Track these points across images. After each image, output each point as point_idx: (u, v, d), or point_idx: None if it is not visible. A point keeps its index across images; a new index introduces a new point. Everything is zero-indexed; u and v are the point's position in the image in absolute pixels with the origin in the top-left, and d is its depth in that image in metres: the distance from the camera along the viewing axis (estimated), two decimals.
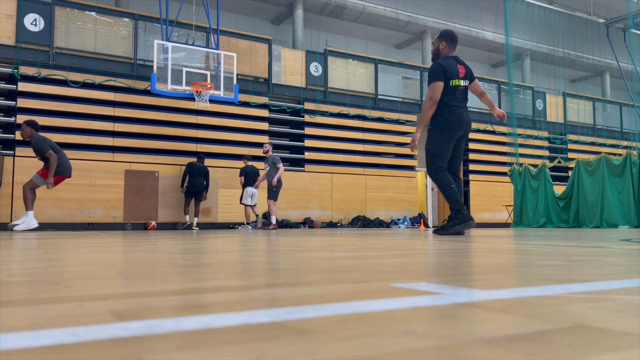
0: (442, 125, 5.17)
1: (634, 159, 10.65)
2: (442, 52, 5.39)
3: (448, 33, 5.45)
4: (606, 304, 0.91)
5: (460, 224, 5.06)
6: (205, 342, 0.63)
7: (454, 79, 5.17)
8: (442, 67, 5.17)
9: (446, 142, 5.19)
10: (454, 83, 5.16)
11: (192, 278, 1.35)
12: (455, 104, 5.17)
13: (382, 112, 14.28)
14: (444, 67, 5.17)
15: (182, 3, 11.75)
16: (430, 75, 5.23)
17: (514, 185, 13.08)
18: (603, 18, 18.25)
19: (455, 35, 5.47)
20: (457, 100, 5.19)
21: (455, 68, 5.22)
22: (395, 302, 0.92)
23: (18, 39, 10.37)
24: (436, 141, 5.21)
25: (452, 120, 5.15)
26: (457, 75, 5.19)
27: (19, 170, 10.17)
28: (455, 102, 5.17)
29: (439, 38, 5.44)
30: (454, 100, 5.17)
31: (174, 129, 11.79)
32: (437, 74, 5.15)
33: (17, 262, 1.90)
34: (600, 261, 1.85)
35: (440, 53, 5.40)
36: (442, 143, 5.19)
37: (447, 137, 5.18)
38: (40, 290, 1.12)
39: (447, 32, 5.47)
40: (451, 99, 5.16)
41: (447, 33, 5.46)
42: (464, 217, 5.08)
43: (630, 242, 3.53)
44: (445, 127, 5.16)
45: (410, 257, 2.14)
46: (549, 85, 19.57)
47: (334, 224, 13.18)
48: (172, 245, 3.28)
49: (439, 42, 5.42)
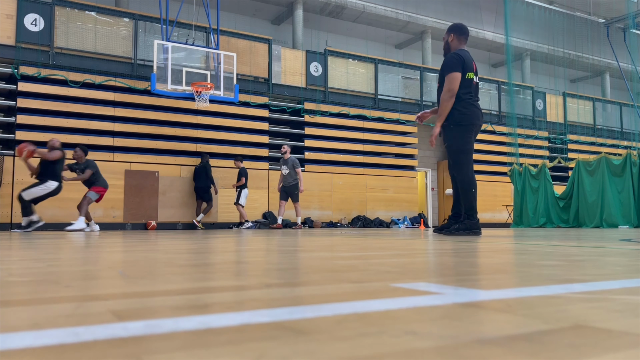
0: (459, 120, 4.96)
1: (634, 159, 10.65)
2: (452, 45, 5.23)
3: (456, 25, 5.30)
4: (606, 304, 0.91)
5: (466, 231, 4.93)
6: (205, 342, 0.63)
7: (470, 72, 4.97)
8: (460, 58, 4.96)
9: (467, 136, 4.98)
10: (469, 76, 4.97)
11: (192, 278, 1.35)
12: (470, 97, 4.97)
13: (382, 112, 14.28)
14: (462, 57, 4.97)
15: (182, 3, 11.75)
16: (448, 66, 4.99)
17: (514, 185, 13.08)
18: (603, 18, 18.25)
19: (465, 27, 5.28)
20: (471, 94, 5.00)
21: (471, 60, 5.05)
22: (395, 302, 0.92)
23: (18, 39, 10.37)
24: (456, 136, 5.00)
25: (468, 114, 4.96)
26: (472, 69, 5.00)
27: (19, 170, 10.17)
28: (470, 95, 4.98)
29: (447, 31, 5.31)
30: (468, 94, 4.97)
31: (174, 129, 11.79)
32: (455, 65, 4.94)
33: (17, 262, 1.90)
34: (600, 261, 1.85)
35: (450, 47, 5.24)
36: (462, 137, 4.98)
37: (466, 130, 4.97)
38: (40, 290, 1.12)
39: (455, 25, 5.32)
40: (466, 92, 4.96)
41: (455, 25, 5.30)
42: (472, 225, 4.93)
43: (630, 242, 3.53)
44: (462, 120, 4.96)
45: (410, 257, 2.14)
46: (549, 85, 19.57)
47: (334, 224, 13.18)
48: (172, 245, 3.28)
49: (448, 36, 5.28)
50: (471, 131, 5.02)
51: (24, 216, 8.65)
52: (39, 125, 10.54)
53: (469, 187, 4.96)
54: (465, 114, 4.96)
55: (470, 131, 5.01)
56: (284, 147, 11.24)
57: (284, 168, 11.14)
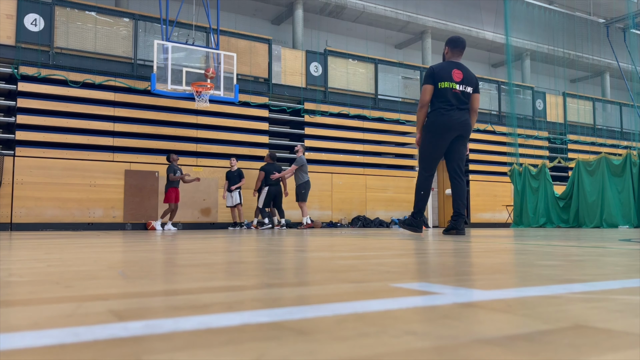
0: (429, 127, 5.34)
1: (634, 159, 10.65)
2: (446, 57, 5.56)
3: (452, 38, 5.58)
4: (606, 304, 0.91)
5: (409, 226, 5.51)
6: (205, 342, 0.63)
7: (444, 82, 5.27)
8: (432, 71, 5.35)
9: (433, 143, 5.32)
10: (442, 85, 5.26)
11: (192, 278, 1.35)
12: (444, 106, 5.26)
13: (382, 112, 14.28)
14: (434, 70, 5.34)
15: (182, 3, 11.75)
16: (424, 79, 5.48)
17: (514, 185, 13.08)
18: (603, 18, 18.24)
19: (459, 40, 5.53)
20: (449, 103, 5.26)
21: (447, 71, 5.32)
22: (395, 302, 0.92)
23: (18, 39, 10.37)
24: (423, 142, 5.41)
25: (438, 122, 5.27)
26: (448, 79, 5.28)
27: (19, 170, 10.17)
28: (446, 105, 5.26)
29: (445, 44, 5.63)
30: (443, 103, 5.27)
31: (174, 129, 11.79)
32: (426, 78, 5.38)
33: (17, 262, 1.90)
34: (600, 261, 1.85)
35: (445, 58, 5.58)
36: (429, 144, 5.35)
37: (434, 138, 5.31)
38: (40, 290, 1.12)
39: (451, 38, 5.60)
40: (440, 101, 5.27)
41: (450, 38, 5.59)
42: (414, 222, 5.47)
43: (630, 242, 3.53)
44: (431, 128, 5.32)
45: (410, 257, 2.14)
46: (549, 85, 19.56)
47: (334, 224, 13.18)
48: (172, 246, 3.28)
49: (445, 48, 5.62)
50: (440, 139, 5.31)
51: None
52: (39, 125, 10.54)
53: (418, 189, 5.44)
54: (435, 123, 5.30)
55: (437, 139, 5.31)
56: (298, 146, 11.44)
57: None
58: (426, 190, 5.41)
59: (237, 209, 11.38)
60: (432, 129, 5.30)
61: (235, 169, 11.42)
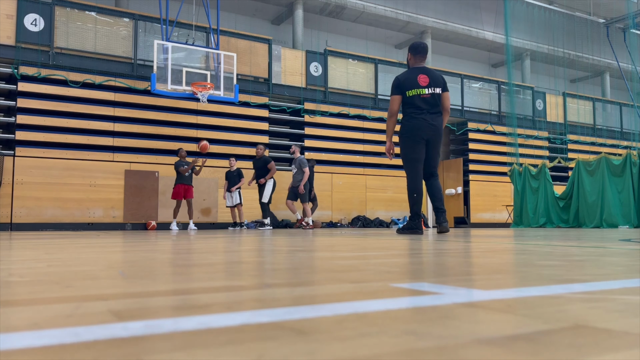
0: (403, 131, 5.59)
1: (634, 159, 10.65)
2: (410, 63, 5.74)
3: (412, 44, 5.78)
4: (606, 304, 0.91)
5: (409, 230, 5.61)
6: (205, 342, 0.63)
7: (411, 90, 5.47)
8: (397, 81, 5.57)
9: (411, 145, 5.52)
10: (410, 93, 5.48)
11: (192, 278, 1.35)
12: (414, 112, 5.47)
13: (382, 112, 14.28)
14: (399, 80, 5.56)
15: (182, 3, 11.75)
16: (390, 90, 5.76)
17: (514, 185, 13.08)
18: (603, 18, 18.24)
19: (420, 46, 5.72)
20: (419, 108, 5.47)
21: (412, 79, 5.50)
22: (395, 302, 0.92)
23: (18, 39, 10.37)
24: (402, 146, 5.62)
25: (410, 126, 5.49)
26: (415, 86, 5.47)
27: (19, 170, 10.17)
28: (416, 110, 5.47)
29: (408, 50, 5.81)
30: (413, 108, 5.49)
31: (174, 129, 11.80)
32: (393, 88, 5.61)
33: (17, 262, 1.90)
34: (600, 261, 1.85)
35: (409, 64, 5.76)
36: (407, 147, 5.55)
37: (410, 141, 5.51)
38: (40, 290, 1.12)
39: (412, 44, 5.80)
40: (410, 107, 5.50)
41: (412, 45, 5.78)
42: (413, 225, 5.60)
43: (630, 242, 3.53)
44: (405, 132, 5.55)
45: (410, 257, 2.14)
46: (549, 85, 19.56)
47: (334, 224, 13.18)
48: (172, 246, 3.28)
49: (407, 55, 5.80)
50: (417, 142, 5.50)
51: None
52: (39, 125, 10.55)
53: (411, 192, 5.59)
54: (406, 126, 5.54)
55: (414, 142, 5.51)
56: (292, 148, 11.26)
57: (292, 168, 11.14)
58: (418, 192, 5.56)
59: (237, 209, 11.37)
60: (408, 134, 5.51)
61: (235, 169, 11.39)
